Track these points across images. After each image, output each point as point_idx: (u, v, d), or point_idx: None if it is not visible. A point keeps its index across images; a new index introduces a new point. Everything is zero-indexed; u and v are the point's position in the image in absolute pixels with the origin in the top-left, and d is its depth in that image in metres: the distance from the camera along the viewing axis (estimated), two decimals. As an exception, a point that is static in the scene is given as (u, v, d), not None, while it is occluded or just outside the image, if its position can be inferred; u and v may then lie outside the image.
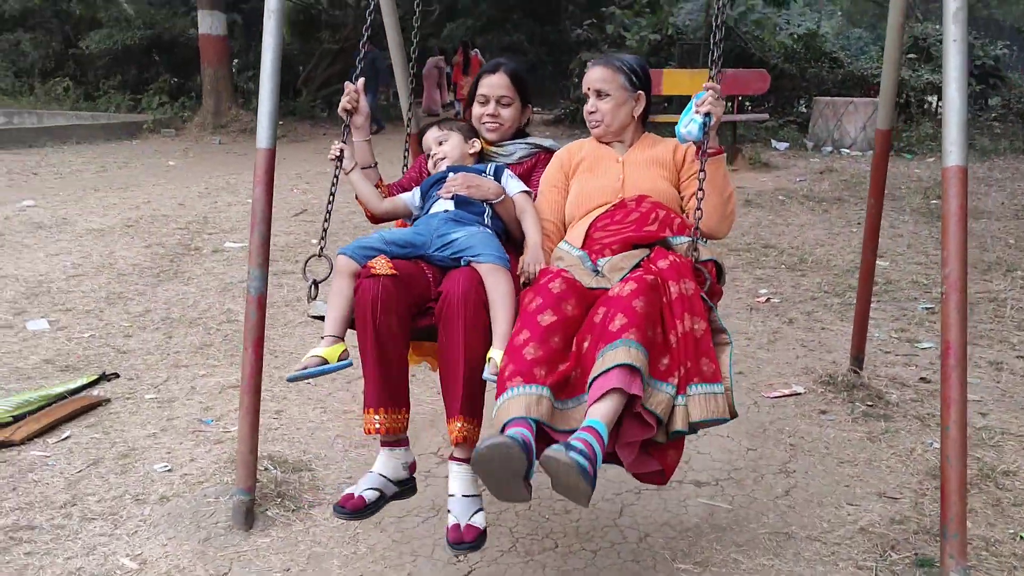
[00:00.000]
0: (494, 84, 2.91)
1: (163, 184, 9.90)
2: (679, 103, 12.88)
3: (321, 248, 2.68)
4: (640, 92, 2.76)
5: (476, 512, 2.34)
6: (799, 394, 4.03)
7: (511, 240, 2.73)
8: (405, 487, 2.51)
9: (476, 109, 2.96)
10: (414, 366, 2.73)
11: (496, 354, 2.28)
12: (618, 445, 2.12)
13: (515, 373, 2.13)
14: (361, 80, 2.81)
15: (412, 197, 2.85)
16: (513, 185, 2.76)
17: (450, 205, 2.66)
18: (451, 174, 2.74)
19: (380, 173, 2.96)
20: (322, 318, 2.49)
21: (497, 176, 2.77)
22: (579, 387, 2.15)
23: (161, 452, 3.39)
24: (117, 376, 4.13)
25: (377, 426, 2.37)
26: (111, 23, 18.42)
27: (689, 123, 2.47)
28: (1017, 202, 9.02)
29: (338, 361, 2.38)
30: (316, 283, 2.63)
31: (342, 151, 2.73)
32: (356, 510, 2.36)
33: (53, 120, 15.13)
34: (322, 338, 2.42)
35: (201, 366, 4.31)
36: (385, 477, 2.44)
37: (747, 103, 15.51)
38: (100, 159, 11.95)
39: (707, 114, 2.44)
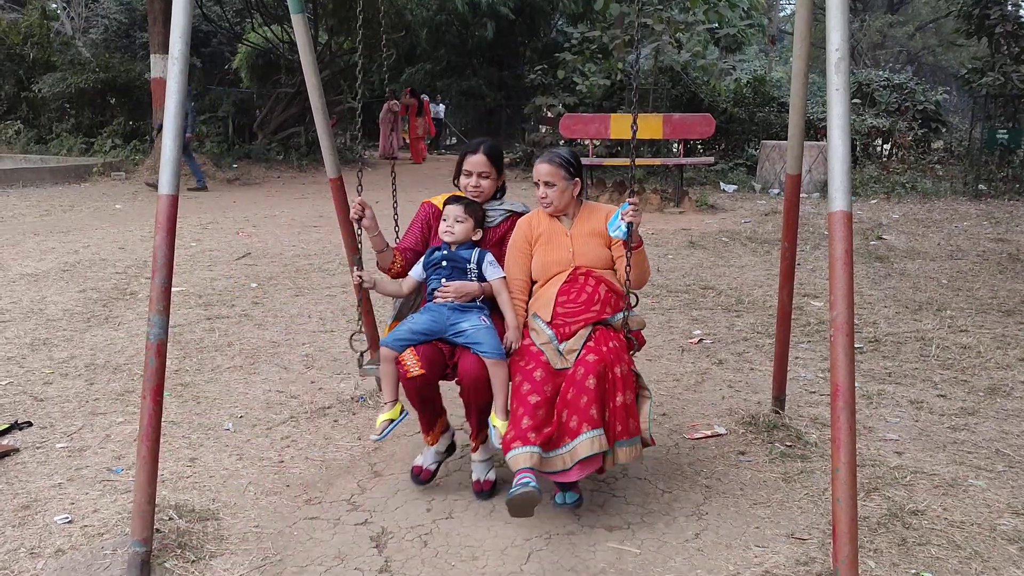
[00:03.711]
0: (476, 162, 3.46)
1: (106, 228, 9.80)
2: (627, 146, 13.06)
3: (360, 327, 3.56)
4: (576, 179, 3.43)
5: (489, 471, 3.44)
6: (720, 435, 4.04)
7: (495, 308, 3.43)
8: (451, 451, 3.59)
9: (462, 180, 3.50)
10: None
11: (498, 423, 3.17)
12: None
13: (515, 437, 3.04)
14: (360, 198, 3.34)
15: (419, 273, 3.49)
16: (491, 272, 3.41)
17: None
18: (443, 281, 3.38)
19: (389, 244, 3.48)
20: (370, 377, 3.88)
21: (480, 260, 3.40)
22: (558, 443, 3.05)
23: (64, 503, 3.30)
24: (30, 425, 4.04)
25: (428, 439, 3.45)
26: (65, 67, 18.34)
27: (617, 228, 3.27)
28: (953, 243, 9.22)
29: (400, 415, 3.33)
30: (362, 353, 3.56)
31: (361, 279, 3.41)
32: (427, 479, 3.47)
33: (0, 164, 14.96)
34: (384, 404, 3.33)
35: (120, 413, 4.23)
36: (439, 452, 3.50)
37: (699, 146, 15.82)
38: (46, 203, 11.82)
39: (630, 223, 3.19)
